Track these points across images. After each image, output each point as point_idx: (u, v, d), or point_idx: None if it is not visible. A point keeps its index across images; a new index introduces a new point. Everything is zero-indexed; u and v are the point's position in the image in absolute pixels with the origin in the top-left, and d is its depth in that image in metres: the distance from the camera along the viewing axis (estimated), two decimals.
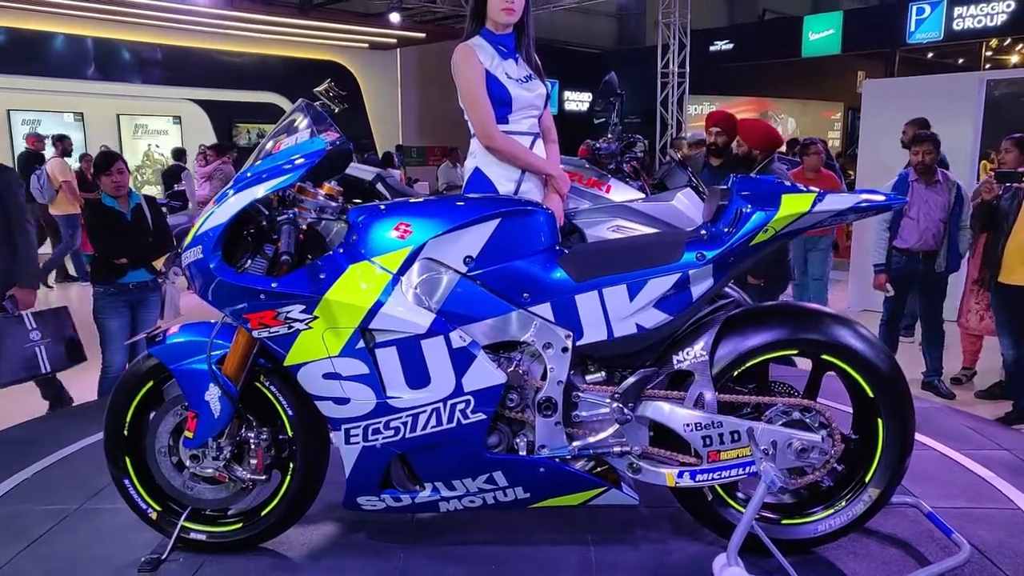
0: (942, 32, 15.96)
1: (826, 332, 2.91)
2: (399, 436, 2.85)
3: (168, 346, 3.08)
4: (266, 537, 3.21)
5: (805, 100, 24.11)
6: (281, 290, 2.79)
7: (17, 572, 3.04)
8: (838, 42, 17.89)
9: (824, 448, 2.89)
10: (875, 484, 2.99)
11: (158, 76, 18.85)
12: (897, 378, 2.92)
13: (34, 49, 16.68)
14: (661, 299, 2.82)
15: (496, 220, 2.88)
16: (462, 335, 2.79)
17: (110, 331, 5.52)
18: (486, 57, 3.56)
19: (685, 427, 2.87)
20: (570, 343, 2.81)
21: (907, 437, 2.95)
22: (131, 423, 3.17)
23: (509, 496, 2.95)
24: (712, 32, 20.68)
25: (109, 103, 17.85)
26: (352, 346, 2.79)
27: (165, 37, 18.56)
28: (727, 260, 2.81)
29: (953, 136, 9.04)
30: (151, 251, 5.54)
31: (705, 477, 2.91)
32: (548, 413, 2.85)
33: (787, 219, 2.75)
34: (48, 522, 3.42)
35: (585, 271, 2.86)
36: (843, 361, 2.92)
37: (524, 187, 3.63)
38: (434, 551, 3.17)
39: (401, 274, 2.82)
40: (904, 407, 2.94)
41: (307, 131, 2.95)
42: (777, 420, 2.93)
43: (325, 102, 21.52)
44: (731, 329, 2.93)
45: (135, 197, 5.58)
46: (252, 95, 19.67)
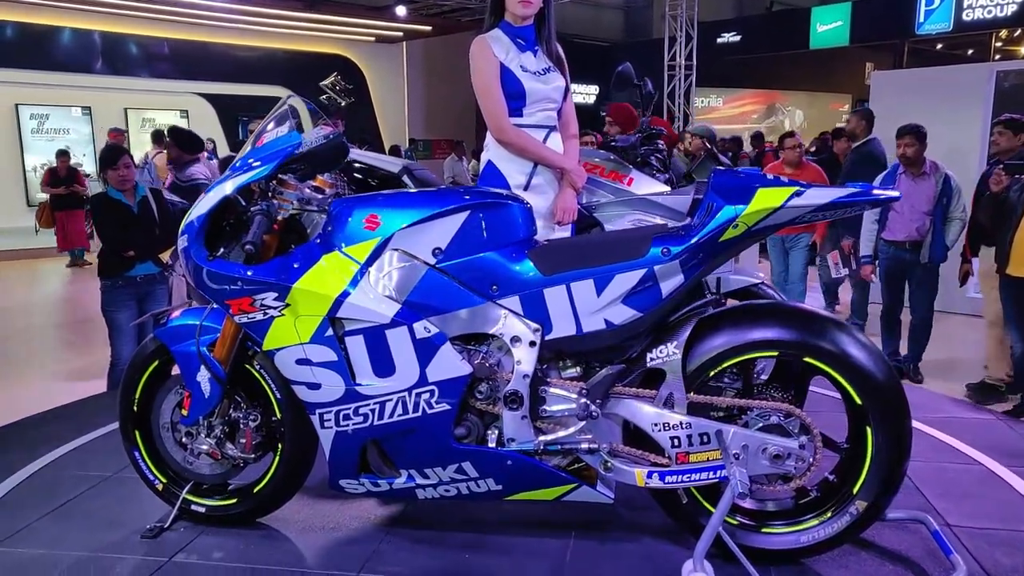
0: (951, 23, 15.89)
1: (809, 334, 2.74)
2: (368, 423, 2.92)
3: (169, 328, 3.26)
4: (260, 513, 3.35)
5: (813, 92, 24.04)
6: (256, 278, 2.90)
7: (50, 524, 3.39)
8: (846, 33, 17.82)
9: (802, 455, 2.75)
10: (863, 497, 2.81)
11: (165, 70, 18.88)
12: (889, 384, 2.73)
13: (42, 43, 16.72)
14: (629, 295, 2.76)
15: (465, 212, 2.88)
16: (427, 326, 2.82)
17: (118, 324, 5.53)
18: (501, 50, 3.56)
19: (653, 426, 2.80)
20: (538, 337, 2.79)
21: (900, 448, 2.76)
22: (140, 400, 3.37)
23: (482, 487, 2.96)
24: (719, 24, 20.60)
25: (116, 97, 17.88)
26: (321, 333, 2.88)
27: (172, 31, 18.59)
28: (696, 256, 2.72)
29: (963, 127, 9.01)
30: (158, 244, 5.54)
31: (674, 479, 2.81)
32: (514, 406, 2.83)
33: (758, 214, 2.62)
34: (83, 486, 3.75)
35: (553, 265, 2.83)
36: (827, 365, 2.74)
37: (536, 181, 3.62)
38: (413, 536, 3.25)
39: (369, 265, 2.87)
40: (897, 415, 2.75)
41: (285, 126, 3.04)
42: (755, 424, 2.81)
43: (331, 95, 21.61)
44: (709, 328, 2.81)
45: (141, 190, 5.58)
46: (259, 89, 19.66)
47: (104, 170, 5.47)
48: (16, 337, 8.61)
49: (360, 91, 22.31)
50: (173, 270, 5.80)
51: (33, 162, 15.96)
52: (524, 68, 3.56)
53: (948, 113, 8.88)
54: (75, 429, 4.45)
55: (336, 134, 3.10)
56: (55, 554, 3.14)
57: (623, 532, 3.22)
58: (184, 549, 3.16)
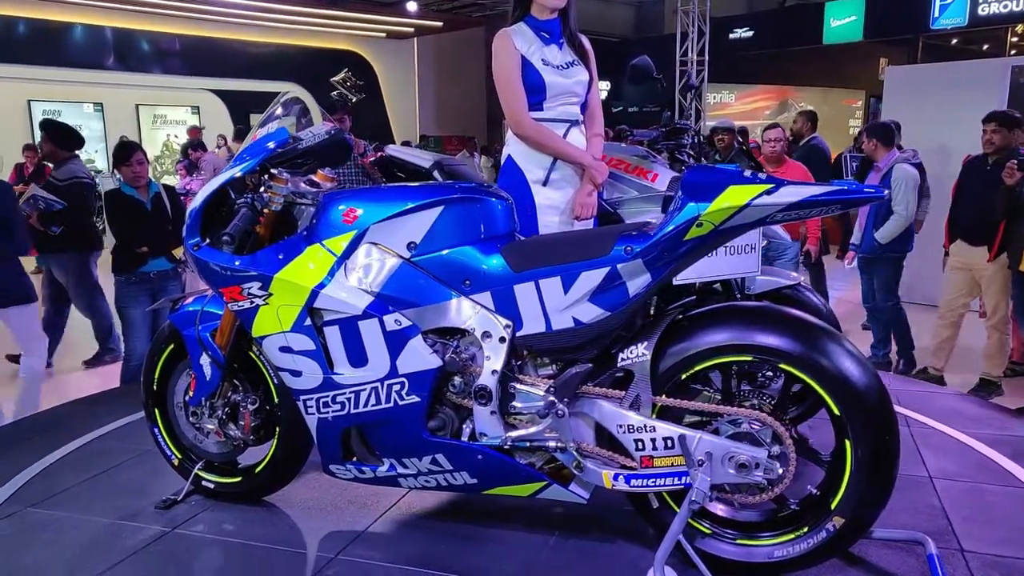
0: (966, 18, 15.77)
1: (785, 339, 2.61)
2: (345, 411, 3.01)
3: (181, 313, 3.47)
4: (264, 492, 3.54)
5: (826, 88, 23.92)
6: (242, 268, 3.03)
7: (82, 491, 3.72)
8: (860, 28, 17.71)
9: (771, 466, 2.63)
10: (840, 513, 2.66)
11: (177, 66, 18.93)
12: (871, 395, 2.57)
13: (54, 39, 16.77)
14: (596, 293, 2.71)
15: (440, 207, 2.91)
16: (398, 319, 2.86)
17: (132, 319, 5.55)
18: (524, 43, 3.56)
19: (618, 428, 2.75)
20: (508, 333, 2.78)
21: (883, 463, 2.61)
22: (159, 380, 3.63)
23: (458, 480, 2.99)
24: (732, 19, 20.52)
25: (128, 93, 17.94)
26: (301, 323, 2.97)
27: (184, 27, 18.63)
28: (660, 255, 2.63)
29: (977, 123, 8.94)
30: (171, 239, 5.55)
31: (639, 483, 2.75)
32: (483, 401, 2.83)
33: (723, 212, 2.49)
34: (120, 459, 4.06)
35: (524, 261, 2.82)
36: (802, 372, 2.61)
37: (555, 176, 3.61)
38: (401, 522, 3.35)
39: (345, 258, 2.93)
40: (879, 429, 2.59)
41: (275, 123, 3.17)
42: (726, 431, 2.71)
43: (343, 92, 21.63)
44: (683, 330, 2.74)
45: (154, 186, 5.60)
46: (270, 85, 19.66)
47: (117, 166, 5.49)
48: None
49: (371, 87, 22.32)
50: (186, 266, 5.81)
51: None
52: (546, 62, 3.56)
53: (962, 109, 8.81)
54: (119, 412, 4.69)
55: (336, 130, 3.19)
56: (78, 517, 3.43)
57: (606, 534, 3.17)
58: (188, 521, 3.37)
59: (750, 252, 3.24)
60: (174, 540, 3.24)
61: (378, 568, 2.99)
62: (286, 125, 3.15)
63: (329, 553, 3.10)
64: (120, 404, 4.82)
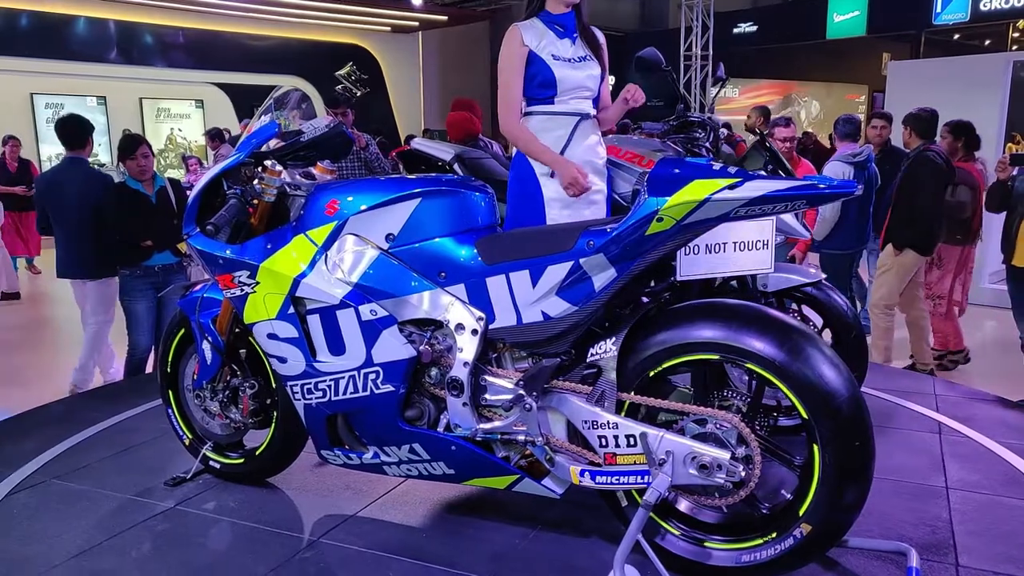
0: (968, 13, 15.77)
1: (751, 338, 2.53)
2: (327, 398, 3.09)
3: (188, 299, 3.62)
4: (266, 473, 3.67)
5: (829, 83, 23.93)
6: (232, 256, 3.17)
7: (104, 466, 3.95)
8: (863, 24, 17.70)
9: (733, 469, 2.53)
10: (808, 519, 2.55)
11: (181, 60, 18.90)
12: (840, 400, 2.46)
13: (57, 33, 16.75)
14: (562, 288, 2.69)
15: (417, 199, 2.96)
16: (373, 309, 2.92)
17: (136, 313, 5.57)
18: (534, 37, 3.59)
19: (584, 424, 2.72)
20: (481, 326, 2.81)
21: (853, 470, 2.50)
22: (172, 363, 3.80)
23: (437, 470, 3.02)
24: (736, 14, 20.51)
25: (131, 87, 17.93)
26: (285, 311, 3.08)
27: (188, 20, 18.61)
28: (622, 249, 2.57)
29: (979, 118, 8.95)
30: (176, 233, 5.56)
31: (604, 480, 2.72)
32: (456, 393, 2.85)
33: (682, 207, 2.41)
34: (147, 438, 4.29)
35: (495, 254, 2.84)
36: (770, 373, 2.52)
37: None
38: (389, 510, 3.42)
39: (326, 248, 3.02)
40: (848, 435, 2.47)
41: (267, 116, 3.30)
42: (692, 431, 2.64)
43: (347, 85, 21.62)
44: (650, 326, 2.70)
45: (160, 180, 5.62)
46: (274, 79, 19.64)
47: (122, 160, 5.51)
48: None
49: (376, 81, 22.30)
50: (191, 260, 5.83)
51: (48, 152, 15.99)
52: (556, 56, 3.57)
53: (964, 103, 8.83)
54: (150, 395, 4.81)
55: (337, 124, 3.32)
56: (94, 490, 3.65)
57: (583, 529, 3.17)
58: (191, 499, 3.55)
59: (762, 248, 3.18)
60: (173, 516, 3.40)
61: (353, 553, 3.08)
62: (278, 119, 3.25)
63: (312, 536, 3.21)
64: (152, 387, 4.82)
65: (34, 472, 3.86)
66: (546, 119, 3.64)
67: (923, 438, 4.15)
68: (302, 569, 2.99)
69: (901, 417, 4.46)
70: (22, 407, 4.96)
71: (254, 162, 3.27)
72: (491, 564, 2.96)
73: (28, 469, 3.89)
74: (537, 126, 3.65)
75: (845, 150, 6.53)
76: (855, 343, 3.98)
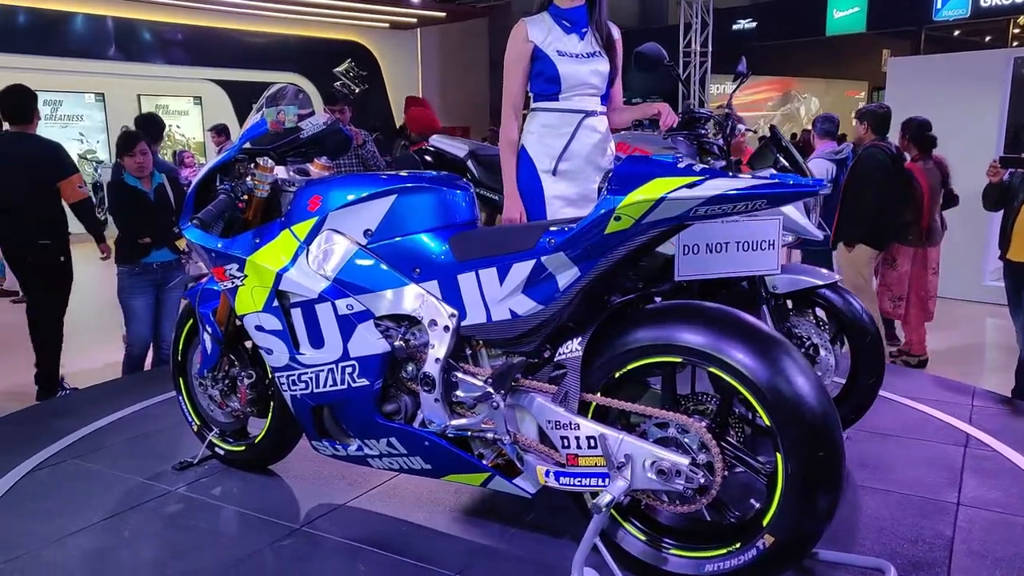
0: (969, 9, 15.73)
1: (713, 340, 2.44)
2: (309, 390, 3.15)
3: (192, 291, 3.72)
4: (267, 461, 3.77)
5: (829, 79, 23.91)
6: (223, 250, 3.30)
7: (122, 449, 4.14)
8: (863, 20, 17.66)
9: (691, 475, 2.45)
10: (772, 531, 2.44)
11: (179, 56, 18.87)
12: (805, 407, 2.34)
13: (55, 29, 16.72)
14: (528, 286, 2.66)
15: (393, 195, 2.98)
16: (350, 303, 2.97)
17: (134, 310, 5.56)
18: (539, 32, 3.56)
19: (547, 423, 2.68)
20: (453, 322, 2.80)
21: (819, 481, 2.38)
22: (182, 351, 3.91)
23: (415, 465, 3.04)
24: (735, 10, 20.46)
25: (130, 83, 17.89)
26: (270, 304, 3.15)
27: (186, 17, 18.58)
28: (584, 249, 2.51)
29: (980, 114, 8.95)
30: (174, 230, 5.56)
31: (567, 481, 2.66)
32: (428, 389, 2.86)
33: (640, 206, 2.32)
34: (166, 424, 4.44)
35: (466, 252, 2.83)
36: (732, 378, 2.42)
37: (563, 167, 3.62)
38: (377, 502, 3.47)
39: (308, 243, 3.08)
40: (813, 444, 2.36)
41: (259, 114, 3.38)
42: (654, 435, 2.57)
43: (345, 82, 21.60)
44: (615, 327, 2.64)
45: (158, 177, 5.60)
46: (273, 75, 19.60)
47: (120, 156, 5.49)
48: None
49: (374, 78, 22.28)
50: (190, 257, 5.82)
51: None
52: (561, 52, 3.54)
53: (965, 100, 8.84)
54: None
55: (334, 121, 3.40)
56: (107, 471, 3.83)
57: (563, 530, 3.13)
58: (192, 484, 3.68)
59: (768, 249, 3.15)
60: (171, 500, 3.53)
61: (331, 542, 3.13)
62: (268, 116, 3.32)
63: (296, 524, 3.28)
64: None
65: (58, 452, 4.06)
66: (550, 116, 3.63)
67: (946, 451, 4.02)
68: (277, 555, 3.06)
69: (928, 428, 4.34)
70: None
71: (248, 158, 3.33)
72: (462, 560, 2.97)
73: (53, 449, 4.09)
74: (541, 123, 3.64)
75: (826, 148, 6.59)
76: (871, 348, 3.85)
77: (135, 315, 5.57)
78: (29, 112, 5.65)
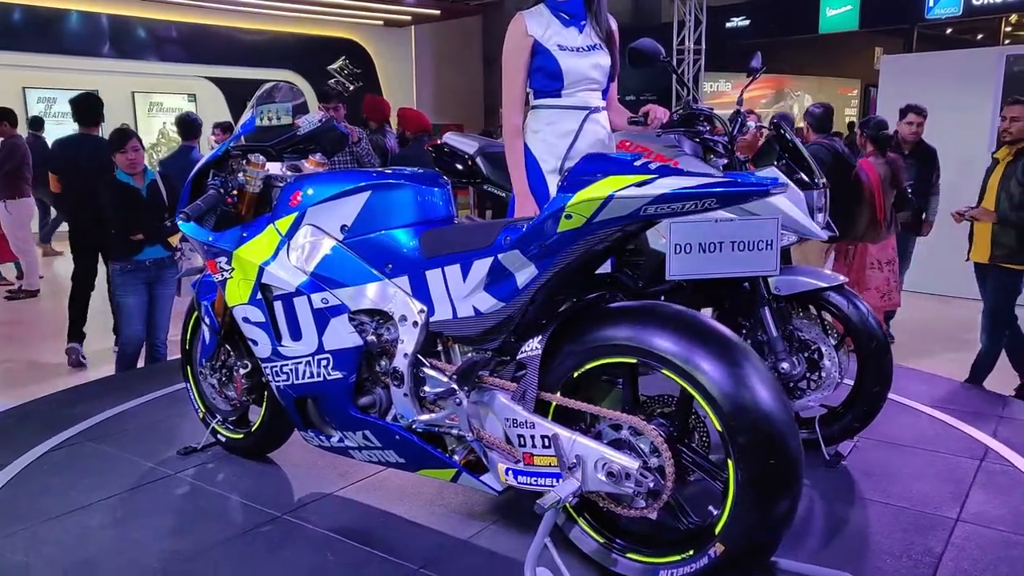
0: (961, 7, 15.75)
1: (664, 341, 2.37)
2: (291, 381, 3.22)
3: (197, 282, 3.77)
4: (264, 449, 3.88)
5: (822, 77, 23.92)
6: (213, 243, 3.40)
7: (136, 434, 4.32)
8: (856, 18, 17.68)
9: (641, 478, 2.40)
10: (723, 539, 2.38)
11: (173, 54, 18.81)
12: (756, 413, 2.27)
13: (48, 26, 16.67)
14: (489, 283, 2.65)
15: (367, 192, 3.04)
16: (325, 297, 3.03)
17: (127, 308, 5.57)
18: (538, 26, 3.49)
19: (506, 421, 2.67)
20: (422, 318, 2.83)
21: (770, 490, 2.31)
22: (190, 341, 4.03)
23: (391, 458, 3.08)
24: (728, 8, 20.47)
25: (124, 81, 17.82)
26: (254, 296, 3.24)
27: (180, 14, 18.53)
28: (539, 247, 2.47)
29: (972, 112, 8.98)
30: (166, 227, 5.56)
31: (525, 480, 2.66)
32: (397, 384, 2.90)
33: (588, 204, 2.28)
34: (180, 410, 4.56)
35: (434, 248, 2.86)
36: (683, 380, 2.37)
37: (568, 165, 3.52)
38: (360, 493, 3.55)
39: (288, 238, 3.15)
40: (763, 451, 2.28)
41: (249, 112, 3.45)
42: (608, 436, 2.54)
43: (340, 80, 21.56)
44: (574, 326, 2.61)
45: (150, 174, 5.61)
46: (267, 73, 19.56)
47: (112, 153, 5.49)
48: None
49: (369, 76, 22.23)
50: (183, 254, 5.82)
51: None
52: (562, 46, 3.48)
53: (957, 97, 8.87)
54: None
55: (327, 119, 3.46)
56: (118, 453, 4.03)
57: (533, 528, 3.08)
58: (191, 469, 3.83)
59: (766, 249, 3.09)
60: (168, 483, 3.69)
61: (307, 531, 3.22)
62: (259, 114, 3.38)
63: (278, 511, 3.38)
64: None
65: (76, 435, 4.27)
66: (554, 113, 3.57)
67: (959, 463, 3.86)
68: (253, 541, 3.16)
69: (945, 439, 4.19)
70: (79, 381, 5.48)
71: (242, 154, 3.41)
72: (429, 554, 3.01)
73: (72, 431, 4.31)
74: (545, 120, 3.58)
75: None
76: (877, 353, 3.71)
77: (128, 312, 5.58)
78: (97, 117, 6.75)
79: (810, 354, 3.75)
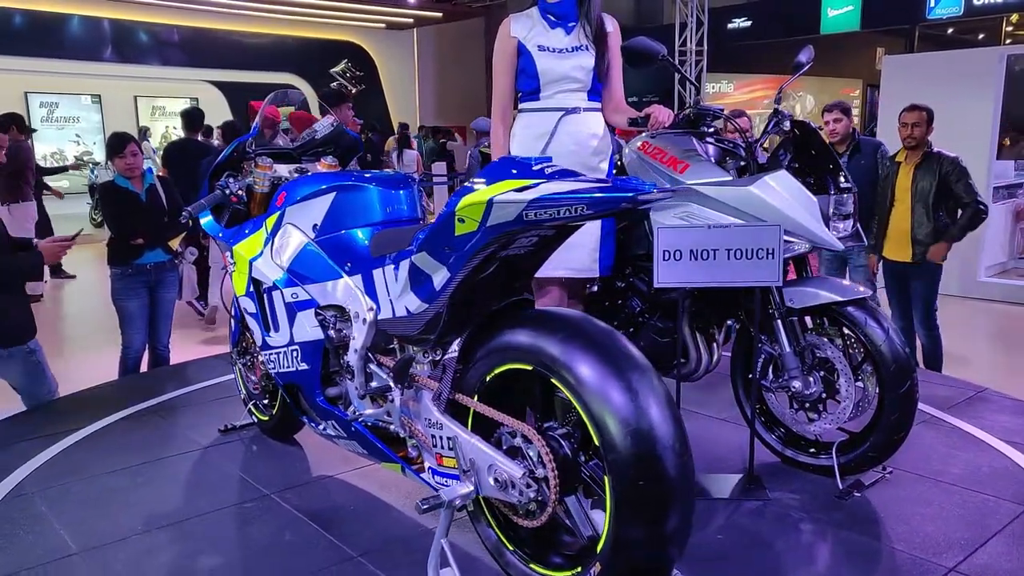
0: (962, 8, 15.73)
1: (555, 350, 2.24)
2: (276, 369, 3.41)
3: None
4: (286, 431, 4.05)
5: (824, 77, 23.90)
6: (223, 238, 3.68)
7: (187, 414, 4.64)
8: (857, 18, 17.66)
9: (523, 488, 2.32)
10: (602, 559, 2.24)
11: (175, 58, 18.88)
12: (629, 429, 2.10)
13: (51, 31, 16.73)
14: (413, 284, 2.60)
15: (333, 193, 3.17)
16: (295, 292, 3.19)
17: (129, 312, 5.54)
18: (522, 28, 3.53)
19: (425, 420, 2.67)
20: (371, 316, 2.86)
21: (640, 512, 2.14)
22: None
23: (356, 448, 3.17)
24: (730, 9, 20.45)
25: (126, 85, 17.90)
26: (248, 288, 3.46)
27: (182, 18, 18.59)
28: (444, 251, 2.38)
29: (973, 112, 8.97)
30: (166, 231, 5.55)
31: (439, 480, 2.64)
32: (350, 377, 2.99)
33: (474, 208, 2.17)
34: (229, 394, 4.80)
35: (379, 248, 2.91)
36: (567, 389, 2.23)
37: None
38: (356, 478, 3.67)
39: (273, 235, 3.34)
40: (634, 471, 2.10)
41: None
42: (507, 442, 2.44)
43: (342, 83, 21.59)
44: (485, 331, 2.55)
45: (149, 177, 5.60)
46: (270, 76, 19.63)
47: (111, 158, 5.49)
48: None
49: (371, 78, 22.29)
50: (183, 258, 5.82)
51: (43, 150, 15.97)
52: (542, 47, 3.50)
53: (958, 97, 8.85)
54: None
55: (335, 123, 3.74)
56: (170, 429, 4.38)
57: None
58: (219, 445, 4.11)
59: (767, 258, 3.00)
60: (193, 457, 3.99)
61: (282, 509, 3.38)
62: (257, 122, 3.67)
63: (269, 490, 3.56)
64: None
65: (153, 405, 4.74)
66: (531, 115, 3.60)
67: (999, 508, 3.31)
68: (231, 515, 3.37)
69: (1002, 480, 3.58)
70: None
71: (253, 157, 3.65)
72: (374, 545, 3.05)
73: (141, 405, 4.73)
74: (523, 123, 3.62)
75: None
76: (896, 377, 3.27)
77: (129, 317, 5.55)
78: (197, 124, 8.89)
79: (827, 373, 3.44)
